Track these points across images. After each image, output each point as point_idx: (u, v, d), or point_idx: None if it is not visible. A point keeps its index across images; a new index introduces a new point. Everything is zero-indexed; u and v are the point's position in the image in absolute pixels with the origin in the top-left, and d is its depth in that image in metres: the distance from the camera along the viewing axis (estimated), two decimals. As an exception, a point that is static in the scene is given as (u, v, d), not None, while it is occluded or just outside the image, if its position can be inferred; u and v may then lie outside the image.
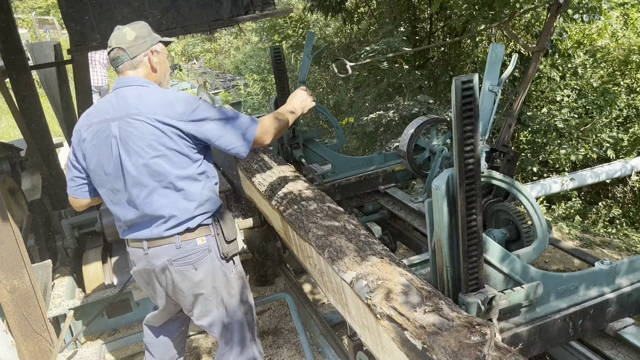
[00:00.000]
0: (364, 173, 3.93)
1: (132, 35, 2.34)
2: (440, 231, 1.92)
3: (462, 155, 1.79)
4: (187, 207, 2.33)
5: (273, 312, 4.01)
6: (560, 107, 8.06)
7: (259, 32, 12.08)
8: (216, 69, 19.97)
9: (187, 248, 2.36)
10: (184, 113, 2.26)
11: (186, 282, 2.39)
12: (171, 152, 2.26)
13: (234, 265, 2.54)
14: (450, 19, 8.09)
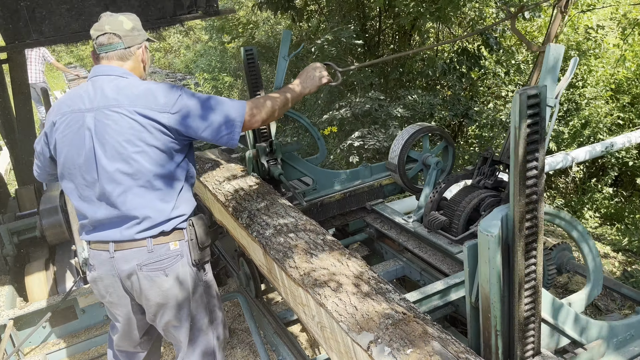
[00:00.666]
0: (348, 189, 3.52)
1: (129, 25, 2.24)
2: (489, 287, 1.58)
3: (523, 191, 1.47)
4: (163, 208, 2.19)
5: (226, 312, 3.91)
6: (505, 102, 8.27)
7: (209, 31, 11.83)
8: (166, 69, 19.48)
9: (159, 252, 2.21)
10: (166, 104, 2.13)
11: (154, 289, 2.23)
12: (151, 149, 2.12)
13: (205, 272, 2.41)
14: (398, 16, 8.14)
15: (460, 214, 2.78)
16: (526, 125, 1.44)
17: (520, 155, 1.46)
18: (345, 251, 2.33)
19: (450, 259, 2.82)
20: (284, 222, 2.63)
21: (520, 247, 1.54)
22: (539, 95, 1.43)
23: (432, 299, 2.57)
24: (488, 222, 1.56)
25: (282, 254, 2.40)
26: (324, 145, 3.39)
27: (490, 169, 2.85)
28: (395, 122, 7.67)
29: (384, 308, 1.92)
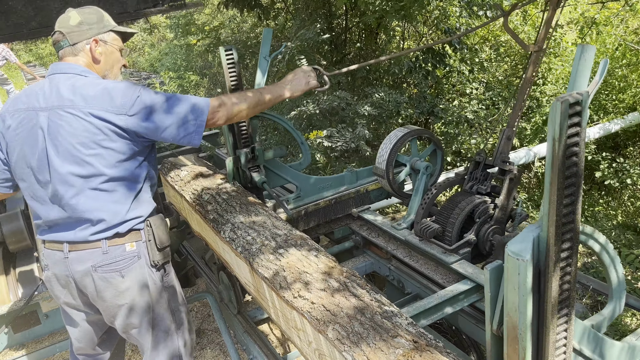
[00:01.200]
0: (334, 195, 3.25)
1: (76, 20, 2.09)
2: (517, 316, 1.37)
3: (560, 211, 1.27)
4: (118, 211, 2.05)
5: (195, 313, 3.80)
6: (470, 99, 8.20)
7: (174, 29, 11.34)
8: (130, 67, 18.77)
9: (114, 254, 2.07)
10: (123, 105, 1.95)
11: (110, 290, 2.09)
12: (107, 151, 1.95)
13: (165, 273, 2.24)
14: (364, 14, 7.94)
15: (454, 221, 2.57)
16: (567, 137, 1.23)
17: (560, 170, 1.24)
18: (342, 269, 2.08)
19: (443, 268, 2.61)
20: (272, 235, 2.35)
21: (555, 272, 1.33)
22: (580, 103, 1.21)
23: (430, 313, 2.35)
24: (518, 244, 1.34)
25: (272, 272, 2.13)
26: (308, 150, 3.09)
27: (482, 174, 2.66)
28: (363, 121, 7.49)
29: (392, 335, 1.69)
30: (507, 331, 1.44)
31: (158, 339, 2.27)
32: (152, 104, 2.01)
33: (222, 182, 2.98)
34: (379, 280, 3.73)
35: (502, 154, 2.58)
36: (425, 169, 2.89)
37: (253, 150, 2.96)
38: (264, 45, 2.97)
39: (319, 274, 2.05)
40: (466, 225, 2.62)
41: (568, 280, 1.36)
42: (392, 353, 1.61)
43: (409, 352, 1.61)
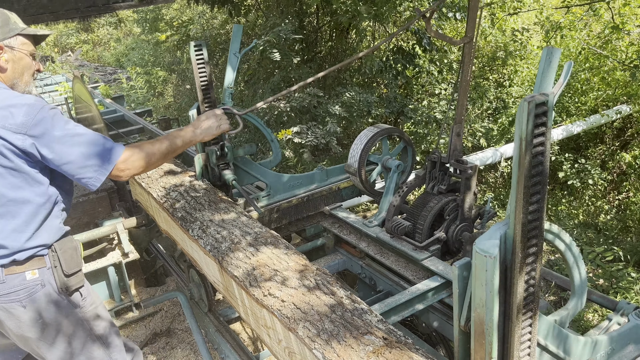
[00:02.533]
0: (305, 193, 3.25)
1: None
2: (484, 312, 1.39)
3: (526, 208, 1.29)
4: (16, 237, 1.88)
5: (165, 312, 3.71)
6: (439, 99, 8.30)
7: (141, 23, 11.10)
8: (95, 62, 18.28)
9: (13, 283, 1.89)
10: (24, 124, 1.80)
11: (13, 321, 1.93)
12: (5, 171, 1.81)
13: (81, 298, 2.06)
14: (336, 14, 7.95)
15: (424, 219, 2.59)
16: (533, 136, 1.25)
17: (526, 168, 1.27)
18: (313, 267, 2.07)
19: (414, 265, 2.63)
20: (242, 233, 2.33)
21: (521, 268, 1.35)
22: (546, 103, 1.23)
23: (400, 310, 2.37)
24: (485, 242, 1.37)
25: (242, 270, 2.11)
26: (278, 148, 3.06)
27: (440, 172, 2.69)
28: (334, 120, 7.50)
29: (362, 332, 1.70)
30: (475, 326, 1.46)
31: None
32: (58, 132, 1.85)
33: (191, 179, 2.93)
34: (350, 278, 3.74)
35: (454, 151, 2.61)
36: (396, 167, 2.90)
37: (223, 148, 2.90)
38: (234, 42, 2.92)
39: (290, 272, 2.04)
40: (436, 222, 2.65)
41: (533, 277, 1.39)
42: (362, 350, 1.62)
43: (379, 349, 1.62)
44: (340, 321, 1.76)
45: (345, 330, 1.72)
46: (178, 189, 2.79)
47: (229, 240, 2.28)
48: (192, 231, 2.44)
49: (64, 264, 1.98)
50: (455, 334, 1.62)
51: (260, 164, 3.05)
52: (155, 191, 2.86)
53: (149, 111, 8.26)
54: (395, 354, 1.60)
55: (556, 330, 1.63)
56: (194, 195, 2.70)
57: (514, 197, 1.32)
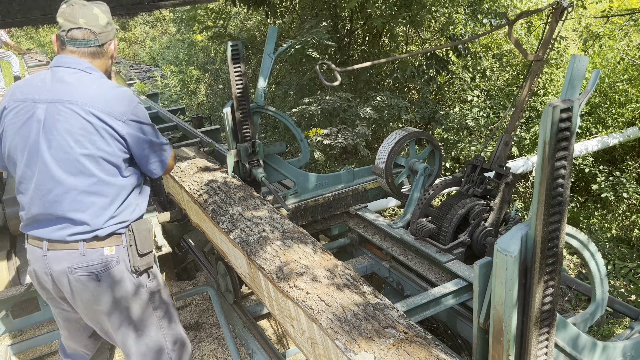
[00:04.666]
0: (332, 192, 3.34)
1: (105, 20, 2.08)
2: (502, 310, 1.45)
3: (548, 210, 1.35)
4: (100, 214, 2.03)
5: (195, 306, 3.81)
6: (471, 106, 8.28)
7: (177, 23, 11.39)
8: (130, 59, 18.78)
9: (91, 257, 2.04)
10: (125, 113, 2.00)
11: (86, 293, 2.07)
12: (101, 152, 1.97)
13: (148, 279, 2.22)
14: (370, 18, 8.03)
15: (449, 222, 2.65)
16: (556, 141, 1.31)
17: (549, 171, 1.32)
18: (337, 262, 2.16)
19: (437, 267, 2.69)
20: (270, 228, 2.43)
21: (540, 269, 1.41)
22: (571, 109, 1.29)
23: (421, 310, 2.43)
24: (507, 241, 1.43)
25: (268, 262, 2.21)
26: (307, 147, 3.17)
27: (479, 177, 2.74)
28: (364, 123, 7.57)
29: (383, 326, 1.77)
30: (493, 324, 1.52)
31: (142, 345, 2.23)
32: (146, 120, 2.12)
33: (222, 175, 3.05)
34: (377, 281, 3.78)
35: (499, 158, 2.66)
36: (423, 170, 2.96)
37: (254, 145, 3.02)
38: (269, 43, 3.03)
39: (315, 266, 2.12)
40: (461, 226, 2.70)
41: (553, 277, 1.44)
42: (382, 342, 1.69)
43: (399, 342, 1.69)
44: (363, 314, 1.84)
45: (367, 323, 1.79)
46: (210, 184, 2.92)
47: (257, 234, 2.39)
48: (222, 224, 2.56)
49: (139, 243, 2.14)
50: (474, 330, 1.68)
51: (289, 162, 3.15)
52: (187, 185, 3.00)
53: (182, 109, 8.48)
54: (414, 348, 1.67)
55: (574, 333, 1.67)
56: (225, 190, 2.82)
57: (536, 199, 1.38)
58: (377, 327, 1.77)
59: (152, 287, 2.25)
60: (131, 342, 2.21)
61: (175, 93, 11.42)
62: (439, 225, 2.69)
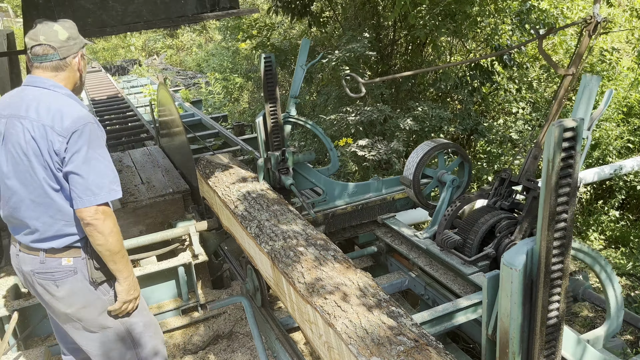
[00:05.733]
0: (360, 201, 3.46)
1: (65, 35, 2.21)
2: (509, 322, 1.51)
3: (552, 226, 1.40)
4: (52, 224, 2.21)
5: (229, 315, 3.88)
6: (516, 119, 8.17)
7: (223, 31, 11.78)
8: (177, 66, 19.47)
9: (51, 265, 2.24)
10: (67, 129, 2.10)
11: (47, 295, 2.29)
12: (44, 167, 2.12)
13: (111, 288, 2.36)
14: (413, 28, 8.09)
15: (475, 234, 2.69)
16: (560, 159, 1.36)
17: (552, 189, 1.38)
18: (356, 270, 2.25)
19: (462, 279, 2.73)
20: (294, 234, 2.55)
21: (545, 283, 1.46)
22: (575, 129, 1.34)
23: (442, 321, 2.48)
24: (513, 255, 1.49)
25: (291, 268, 2.32)
26: (336, 157, 3.29)
27: (507, 190, 2.77)
28: (403, 135, 7.60)
29: (395, 333, 1.85)
30: (500, 335, 1.58)
31: (109, 350, 2.40)
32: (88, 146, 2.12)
33: (253, 181, 3.20)
34: (413, 297, 3.79)
35: (527, 172, 2.68)
36: (451, 182, 3.02)
37: (284, 153, 3.17)
38: (301, 55, 3.19)
39: (335, 272, 2.22)
40: (487, 239, 2.73)
41: (558, 292, 1.48)
42: (394, 349, 1.78)
43: (409, 350, 1.77)
44: (377, 321, 1.92)
45: (380, 330, 1.88)
46: (241, 190, 3.07)
47: (282, 239, 2.51)
48: (250, 229, 2.69)
49: (96, 257, 2.28)
50: (482, 342, 1.73)
51: (318, 171, 3.27)
52: (220, 190, 3.16)
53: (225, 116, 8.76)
54: (424, 356, 1.74)
55: (586, 350, 1.69)
56: (254, 196, 2.97)
57: (541, 215, 1.43)
58: (390, 335, 1.85)
59: (113, 298, 2.37)
60: (95, 346, 2.40)
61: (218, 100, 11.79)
62: (465, 237, 2.73)
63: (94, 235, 2.18)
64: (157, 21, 3.58)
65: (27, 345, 3.50)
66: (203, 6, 3.89)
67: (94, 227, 2.16)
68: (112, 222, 2.22)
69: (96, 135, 2.18)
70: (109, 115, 8.63)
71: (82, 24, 3.43)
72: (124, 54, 20.40)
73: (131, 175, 4.34)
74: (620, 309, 1.80)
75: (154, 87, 11.00)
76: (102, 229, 2.17)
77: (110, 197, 2.19)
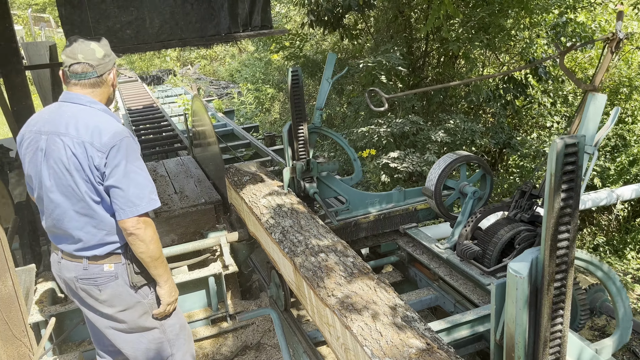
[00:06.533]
0: (383, 211, 3.58)
1: (101, 53, 2.34)
2: (513, 327, 1.60)
3: (555, 237, 1.50)
4: (95, 234, 2.34)
5: (257, 326, 3.95)
6: (550, 133, 8.15)
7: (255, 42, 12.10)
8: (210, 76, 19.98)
9: (93, 271, 2.37)
10: (106, 144, 2.23)
11: (90, 300, 2.43)
12: (85, 180, 2.26)
13: (150, 291, 2.51)
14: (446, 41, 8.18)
15: (494, 245, 2.78)
16: (562, 174, 1.46)
17: (555, 203, 1.48)
18: (374, 276, 2.37)
19: (481, 289, 2.82)
20: (316, 241, 2.69)
21: (549, 291, 1.55)
22: (577, 144, 1.44)
23: (459, 329, 2.57)
24: (518, 263, 1.58)
25: (312, 272, 2.46)
26: (359, 167, 3.44)
27: (527, 202, 2.85)
28: (435, 147, 7.67)
29: (408, 336, 1.96)
30: (506, 340, 1.67)
31: (148, 351, 2.55)
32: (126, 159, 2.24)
33: (279, 189, 3.37)
34: (442, 314, 3.82)
35: (547, 185, 2.75)
36: (472, 194, 3.12)
37: (308, 163, 3.34)
38: (327, 69, 3.38)
39: (353, 277, 2.35)
40: (507, 250, 2.81)
41: (562, 300, 1.57)
42: (405, 351, 1.88)
43: (420, 352, 1.87)
44: (390, 324, 2.04)
45: (394, 333, 1.99)
46: (267, 197, 3.24)
47: (304, 245, 2.65)
48: (274, 235, 2.85)
49: (136, 262, 2.41)
50: (491, 347, 1.82)
51: (342, 180, 3.42)
52: (247, 197, 3.34)
53: (256, 127, 8.98)
54: (434, 358, 1.84)
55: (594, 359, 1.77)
56: (279, 203, 3.13)
57: (545, 226, 1.53)
58: (403, 337, 1.97)
59: (150, 301, 2.51)
60: (129, 346, 2.54)
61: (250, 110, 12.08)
62: (484, 248, 2.82)
63: (136, 243, 2.31)
64: (191, 39, 3.80)
65: (62, 350, 3.62)
66: (236, 26, 4.09)
67: (136, 236, 2.30)
68: (152, 230, 2.35)
69: (132, 149, 2.30)
70: (144, 124, 8.89)
71: (118, 40, 3.66)
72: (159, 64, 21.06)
73: (165, 184, 4.48)
74: (628, 320, 1.87)
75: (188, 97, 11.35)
76: (143, 238, 2.31)
77: (150, 206, 2.31)
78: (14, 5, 24.13)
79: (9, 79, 4.62)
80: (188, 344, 2.70)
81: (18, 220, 4.11)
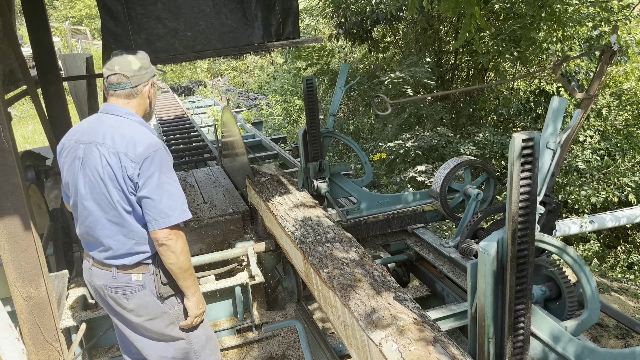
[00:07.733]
0: (392, 211, 3.91)
1: (137, 65, 2.51)
2: (483, 299, 1.86)
3: (515, 219, 1.76)
4: (125, 242, 2.48)
5: (282, 337, 4.11)
6: (583, 147, 8.29)
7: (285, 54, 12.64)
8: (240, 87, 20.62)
9: (122, 280, 2.52)
10: (140, 155, 2.37)
11: (118, 307, 2.59)
12: (118, 190, 2.41)
13: (177, 302, 2.64)
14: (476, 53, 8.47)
15: (493, 244, 3.09)
16: (519, 164, 1.79)
17: (515, 188, 1.81)
18: (372, 262, 2.72)
19: (480, 285, 3.13)
20: (324, 233, 3.06)
21: (512, 267, 1.87)
22: (532, 139, 1.77)
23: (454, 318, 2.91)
24: (487, 243, 1.90)
25: (318, 260, 2.83)
26: (370, 169, 3.82)
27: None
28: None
29: (397, 312, 2.31)
30: (478, 312, 1.99)
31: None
32: (159, 170, 2.38)
33: (293, 188, 3.77)
34: None
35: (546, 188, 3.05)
36: (475, 196, 3.46)
37: (321, 165, 3.73)
38: (341, 78, 3.76)
39: (354, 263, 2.72)
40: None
41: (524, 275, 1.89)
42: (395, 324, 2.22)
43: (407, 325, 2.20)
44: (384, 303, 2.39)
45: (386, 310, 2.33)
46: (282, 195, 3.66)
47: (312, 237, 3.03)
48: (287, 228, 3.23)
49: (163, 273, 2.56)
50: (468, 320, 2.13)
51: (353, 181, 3.81)
52: (264, 195, 3.74)
53: (284, 138, 9.40)
54: (420, 330, 2.17)
55: (562, 334, 2.06)
56: (293, 201, 3.54)
57: (508, 209, 1.85)
58: (394, 313, 2.30)
59: (177, 311, 2.65)
60: (156, 357, 2.69)
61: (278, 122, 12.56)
62: (484, 247, 3.13)
63: (167, 254, 2.43)
64: (225, 49, 4.14)
65: (92, 355, 3.77)
66: (269, 36, 4.37)
67: (167, 247, 2.42)
68: (183, 242, 2.47)
69: (165, 160, 2.44)
70: (174, 135, 9.30)
71: (154, 50, 4.01)
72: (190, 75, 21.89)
73: (194, 194, 4.74)
74: (596, 302, 2.15)
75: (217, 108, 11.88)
76: (174, 249, 2.43)
77: (182, 218, 2.43)
78: (52, 17, 25.55)
79: (47, 89, 5.03)
80: (214, 355, 2.85)
81: (52, 227, 4.30)
